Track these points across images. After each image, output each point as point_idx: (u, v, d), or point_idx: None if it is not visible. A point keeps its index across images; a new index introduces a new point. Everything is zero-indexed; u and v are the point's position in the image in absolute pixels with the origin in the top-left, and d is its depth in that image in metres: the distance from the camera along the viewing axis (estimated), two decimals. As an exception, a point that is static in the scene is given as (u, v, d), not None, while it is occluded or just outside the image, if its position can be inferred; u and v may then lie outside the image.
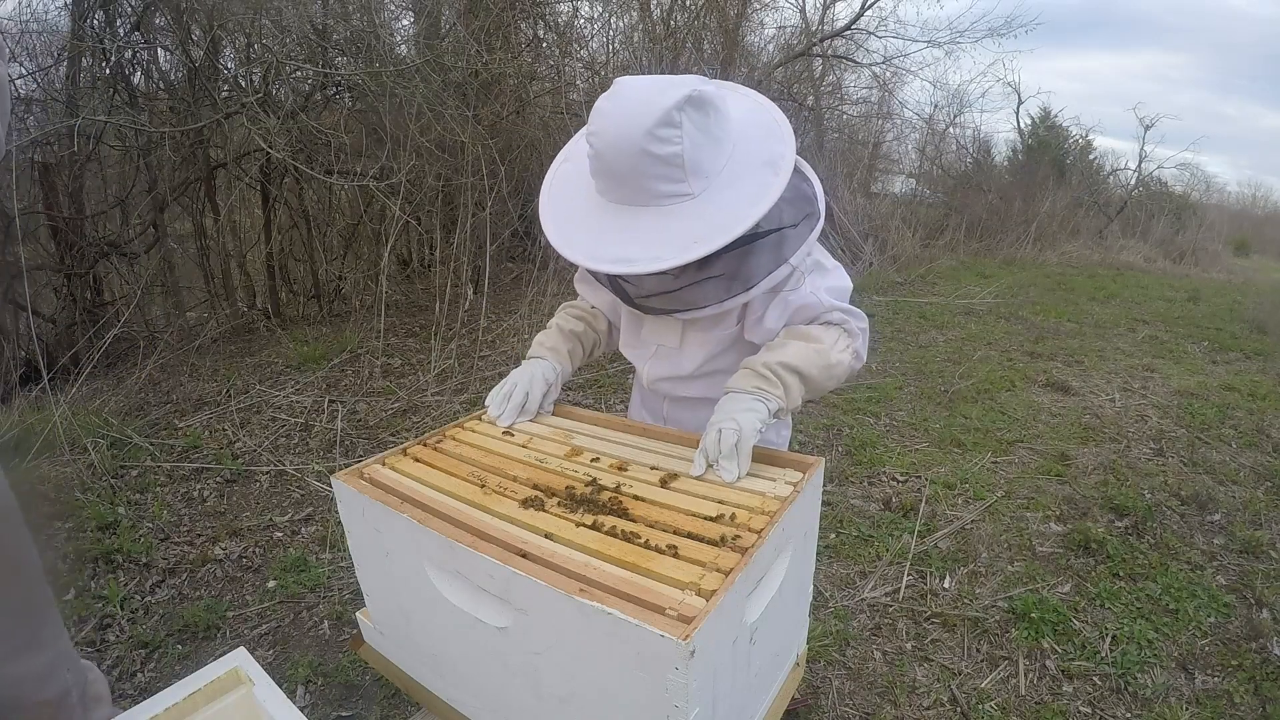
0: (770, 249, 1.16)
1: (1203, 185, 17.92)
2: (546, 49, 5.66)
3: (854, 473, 3.16)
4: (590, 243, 1.11)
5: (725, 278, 1.17)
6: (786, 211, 1.16)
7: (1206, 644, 2.12)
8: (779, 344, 1.22)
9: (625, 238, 1.07)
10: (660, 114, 1.01)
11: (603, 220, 1.10)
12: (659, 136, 1.01)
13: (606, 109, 1.06)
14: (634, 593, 0.79)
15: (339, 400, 3.63)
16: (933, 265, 8.38)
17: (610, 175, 1.07)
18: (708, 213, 1.05)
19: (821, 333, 1.23)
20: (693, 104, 1.03)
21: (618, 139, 1.03)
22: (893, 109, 11.21)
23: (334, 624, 2.11)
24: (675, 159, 1.03)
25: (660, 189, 1.05)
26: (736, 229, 1.03)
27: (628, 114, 1.03)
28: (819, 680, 1.95)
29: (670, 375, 1.36)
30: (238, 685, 0.92)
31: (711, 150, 1.08)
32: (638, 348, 1.41)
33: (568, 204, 1.19)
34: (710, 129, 1.07)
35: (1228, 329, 6.31)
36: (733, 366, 1.31)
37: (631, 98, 1.06)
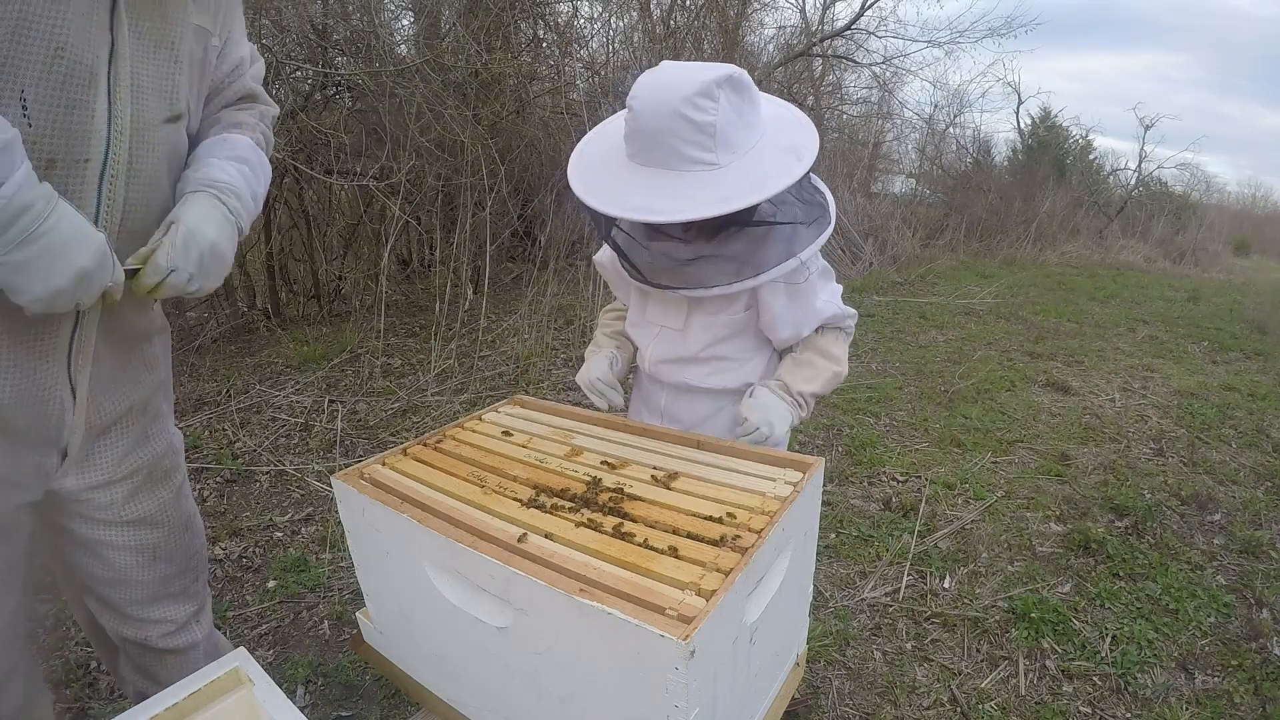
0: (783, 240, 1.22)
1: (1203, 185, 17.95)
2: (546, 49, 5.66)
3: (854, 473, 3.16)
4: (615, 192, 1.16)
5: (738, 261, 1.22)
6: (801, 210, 1.23)
7: (1206, 644, 2.12)
8: (811, 371, 1.36)
9: (651, 192, 1.12)
10: (700, 85, 1.07)
11: (630, 178, 1.16)
12: (696, 104, 1.08)
13: (648, 79, 1.14)
14: (634, 593, 0.79)
15: (339, 400, 3.63)
16: (933, 265, 8.38)
17: (644, 135, 1.13)
18: (732, 181, 1.11)
19: (839, 348, 1.40)
20: (731, 84, 1.10)
21: (657, 100, 1.10)
22: (893, 109, 11.24)
23: (334, 624, 2.11)
24: (709, 128, 1.09)
25: (689, 154, 1.10)
26: (760, 194, 1.09)
27: (669, 82, 1.10)
28: (819, 680, 1.95)
29: (673, 357, 1.40)
30: (238, 685, 0.91)
31: (742, 131, 1.14)
32: (642, 327, 1.46)
33: (595, 165, 1.25)
34: (744, 112, 1.14)
35: (1228, 329, 6.31)
36: (737, 354, 1.38)
37: (674, 72, 1.13)
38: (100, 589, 1.20)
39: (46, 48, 0.83)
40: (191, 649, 1.31)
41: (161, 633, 1.25)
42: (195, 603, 1.31)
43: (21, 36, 0.81)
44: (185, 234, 0.96)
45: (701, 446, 1.20)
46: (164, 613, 1.25)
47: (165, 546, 1.21)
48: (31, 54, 0.82)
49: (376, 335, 4.24)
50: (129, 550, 1.17)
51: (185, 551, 1.26)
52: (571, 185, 1.22)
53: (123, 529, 1.15)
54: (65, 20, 0.84)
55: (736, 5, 7.47)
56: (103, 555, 1.16)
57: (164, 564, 1.22)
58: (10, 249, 0.77)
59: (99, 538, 1.14)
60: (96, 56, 0.88)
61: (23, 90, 0.82)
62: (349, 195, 5.03)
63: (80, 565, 1.17)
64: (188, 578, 1.28)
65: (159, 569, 1.21)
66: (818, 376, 1.36)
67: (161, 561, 1.21)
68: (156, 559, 1.20)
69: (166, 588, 1.24)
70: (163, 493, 1.20)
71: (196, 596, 1.31)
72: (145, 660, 1.28)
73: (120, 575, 1.18)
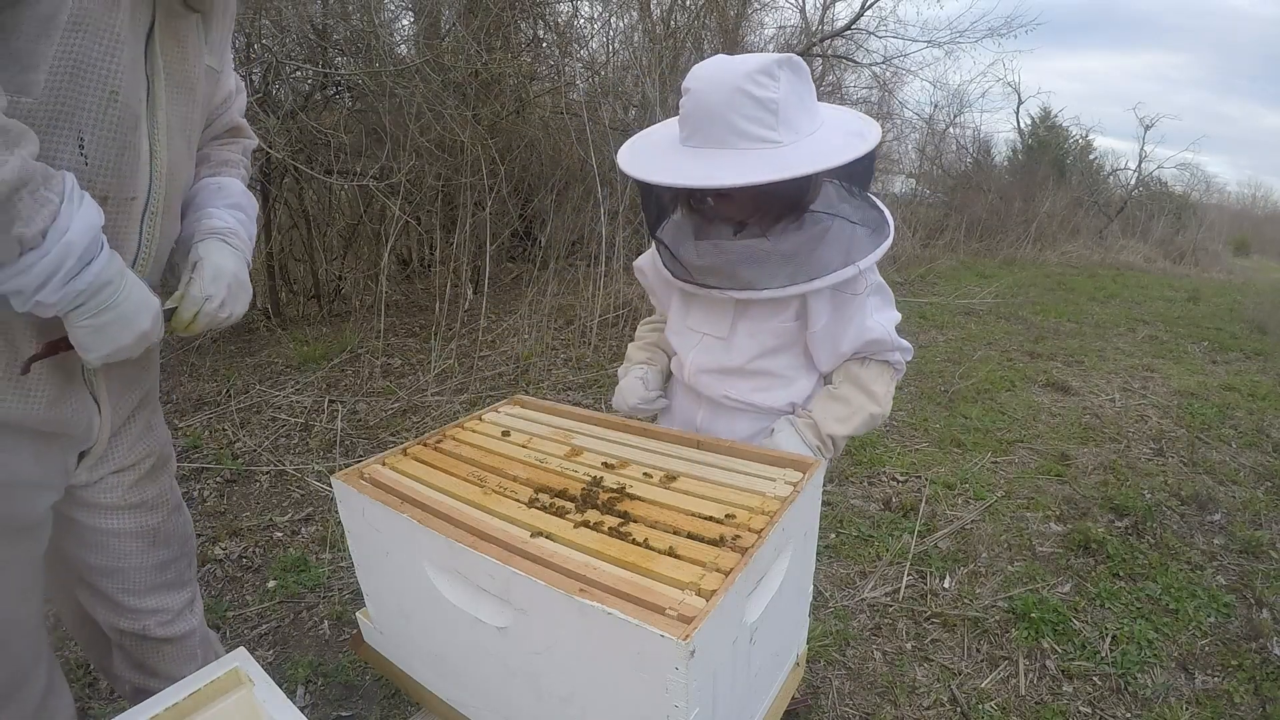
0: (840, 246, 1.17)
1: (1203, 185, 17.95)
2: (546, 49, 5.66)
3: (854, 473, 3.16)
4: (672, 167, 1.13)
5: (791, 263, 1.16)
6: (862, 216, 1.19)
7: (1206, 644, 2.12)
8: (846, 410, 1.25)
9: (710, 166, 1.08)
10: (761, 63, 1.06)
11: (686, 158, 1.12)
12: (758, 80, 1.05)
13: (706, 64, 1.12)
14: (634, 593, 0.79)
15: (339, 400, 3.63)
16: (933, 265, 8.38)
17: (702, 113, 1.09)
18: (795, 154, 1.07)
19: (882, 385, 1.28)
20: (791, 66, 1.09)
21: (717, 79, 1.07)
22: (893, 109, 11.22)
23: (334, 624, 2.11)
24: (771, 104, 1.06)
25: (751, 130, 1.07)
26: (830, 161, 1.06)
27: (728, 64, 1.09)
28: (819, 680, 1.95)
29: (715, 367, 1.31)
30: (238, 685, 0.91)
31: (803, 114, 1.11)
32: (684, 334, 1.37)
33: (648, 151, 1.22)
34: (804, 96, 1.12)
35: (1228, 329, 6.31)
36: (784, 370, 1.29)
37: (730, 58, 1.11)
38: (97, 580, 1.22)
39: (102, 91, 0.89)
40: (188, 636, 1.33)
41: (159, 621, 1.28)
42: (189, 590, 1.34)
43: (80, 80, 0.87)
44: (212, 268, 1.08)
45: (701, 446, 1.20)
46: (160, 601, 1.27)
47: (164, 529, 1.25)
48: (89, 97, 0.88)
49: (376, 335, 4.24)
50: (130, 535, 1.20)
51: (180, 535, 1.30)
52: (623, 168, 1.18)
53: (126, 514, 1.19)
54: (119, 66, 0.90)
55: (736, 5, 7.47)
56: (104, 543, 1.19)
57: (163, 548, 1.25)
58: (91, 315, 0.89)
59: (101, 525, 1.18)
60: (139, 100, 0.95)
61: (80, 131, 0.89)
62: (349, 195, 5.03)
63: (78, 557, 1.20)
64: (182, 563, 1.31)
65: (158, 553, 1.25)
66: (853, 417, 1.24)
67: (160, 546, 1.25)
68: (156, 543, 1.24)
69: (163, 574, 1.27)
70: (164, 478, 1.26)
71: (190, 584, 1.35)
72: (142, 652, 1.30)
73: (119, 563, 1.21)
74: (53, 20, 0.82)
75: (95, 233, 0.86)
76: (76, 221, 0.83)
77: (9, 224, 0.78)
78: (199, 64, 1.06)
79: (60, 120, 0.87)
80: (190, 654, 1.33)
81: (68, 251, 0.82)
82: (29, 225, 0.79)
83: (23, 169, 0.78)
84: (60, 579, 1.27)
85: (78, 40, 0.84)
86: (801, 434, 1.24)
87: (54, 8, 0.81)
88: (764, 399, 1.30)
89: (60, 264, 0.82)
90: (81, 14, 0.83)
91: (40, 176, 0.80)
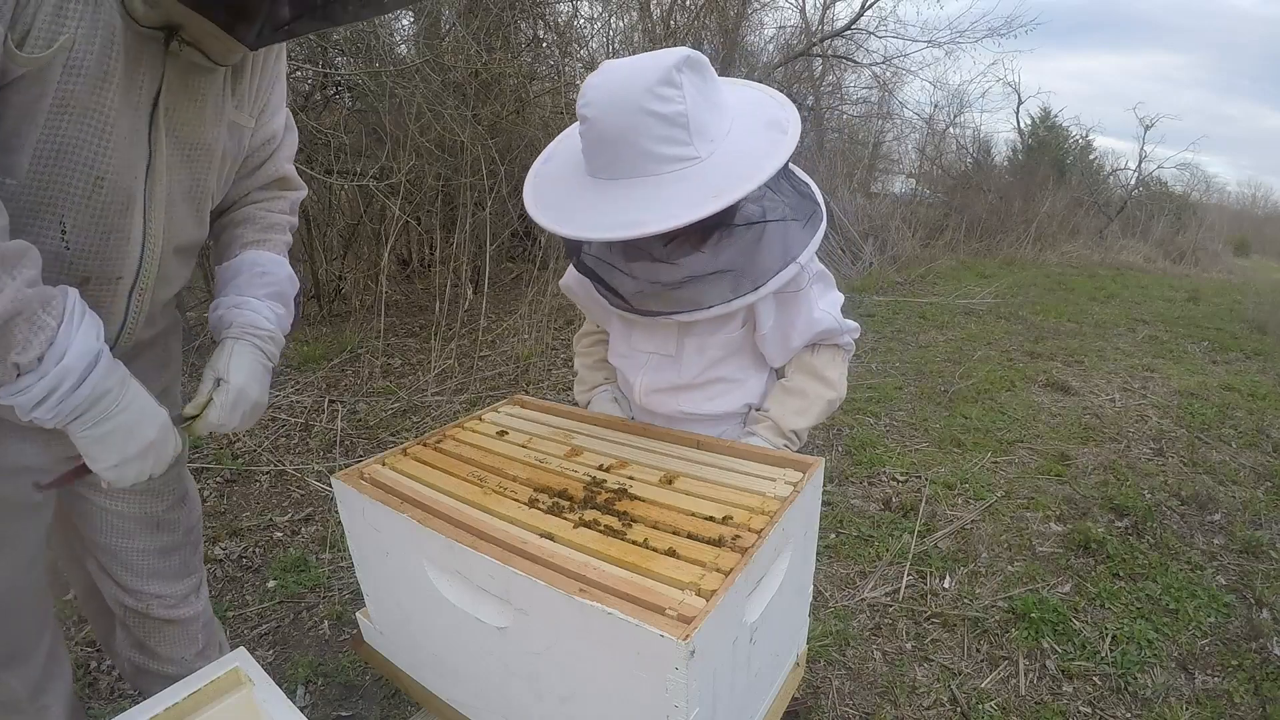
0: (778, 244, 1.10)
1: (1203, 185, 17.96)
2: (546, 49, 5.66)
3: (854, 473, 3.16)
4: (590, 215, 1.01)
5: (734, 274, 1.10)
6: (794, 206, 1.12)
7: (1206, 644, 2.12)
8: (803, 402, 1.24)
9: (631, 205, 0.98)
10: (660, 72, 0.95)
11: (601, 196, 1.01)
12: (660, 95, 0.95)
13: (597, 80, 1.00)
14: (634, 593, 0.79)
15: (339, 400, 3.63)
16: (933, 265, 8.38)
17: (607, 144, 0.99)
18: (720, 171, 0.98)
19: (835, 370, 1.26)
20: (690, 65, 0.98)
21: (615, 101, 0.96)
22: (893, 109, 11.26)
23: (334, 624, 2.11)
24: (679, 118, 0.96)
25: (664, 152, 0.97)
26: (758, 177, 0.96)
27: (622, 78, 0.97)
28: (819, 680, 1.95)
29: (666, 386, 1.28)
30: (238, 686, 0.91)
31: (712, 115, 1.01)
32: (629, 357, 1.32)
33: (556, 191, 1.10)
34: (709, 95, 1.01)
35: (1228, 329, 6.31)
36: (735, 374, 1.27)
37: (623, 67, 0.99)
38: (102, 556, 1.25)
39: (87, 177, 0.86)
40: (191, 621, 1.34)
41: (162, 604, 1.29)
42: (194, 578, 1.35)
43: (64, 165, 0.84)
44: (235, 394, 1.08)
45: (701, 446, 1.20)
46: (161, 588, 1.28)
47: (167, 518, 1.27)
48: (72, 183, 0.86)
49: (376, 335, 4.24)
50: (132, 519, 1.22)
51: (185, 525, 1.31)
52: (533, 215, 1.06)
53: (130, 497, 1.20)
54: (107, 150, 0.87)
55: (736, 5, 7.47)
56: (108, 523, 1.21)
57: (165, 535, 1.27)
58: (90, 426, 0.88)
59: (106, 505, 1.20)
60: (135, 177, 0.92)
61: (62, 217, 0.87)
62: (349, 195, 5.03)
63: (85, 533, 1.23)
64: (186, 551, 1.32)
65: (160, 539, 1.26)
66: (810, 408, 1.24)
67: (164, 532, 1.26)
68: (159, 529, 1.25)
69: (166, 561, 1.28)
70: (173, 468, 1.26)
71: (195, 572, 1.36)
72: (144, 630, 1.31)
73: (121, 543, 1.23)
74: (36, 104, 0.80)
75: (94, 354, 0.85)
76: (75, 344, 0.83)
77: (4, 352, 0.78)
78: (219, 122, 1.01)
79: (43, 205, 0.85)
80: (191, 637, 1.35)
81: (64, 375, 0.82)
82: (24, 353, 0.79)
83: (17, 298, 0.77)
84: (73, 550, 1.29)
85: (63, 124, 0.82)
86: (767, 439, 1.24)
87: (37, 92, 0.79)
88: (719, 405, 1.28)
89: (56, 386, 0.82)
90: (66, 97, 0.80)
91: (38, 302, 0.80)
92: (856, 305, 6.17)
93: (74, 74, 0.80)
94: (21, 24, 0.74)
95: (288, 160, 1.25)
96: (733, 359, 1.26)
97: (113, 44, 0.82)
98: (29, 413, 0.83)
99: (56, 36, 0.77)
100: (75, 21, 0.78)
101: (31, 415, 0.83)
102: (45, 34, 0.76)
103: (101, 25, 0.80)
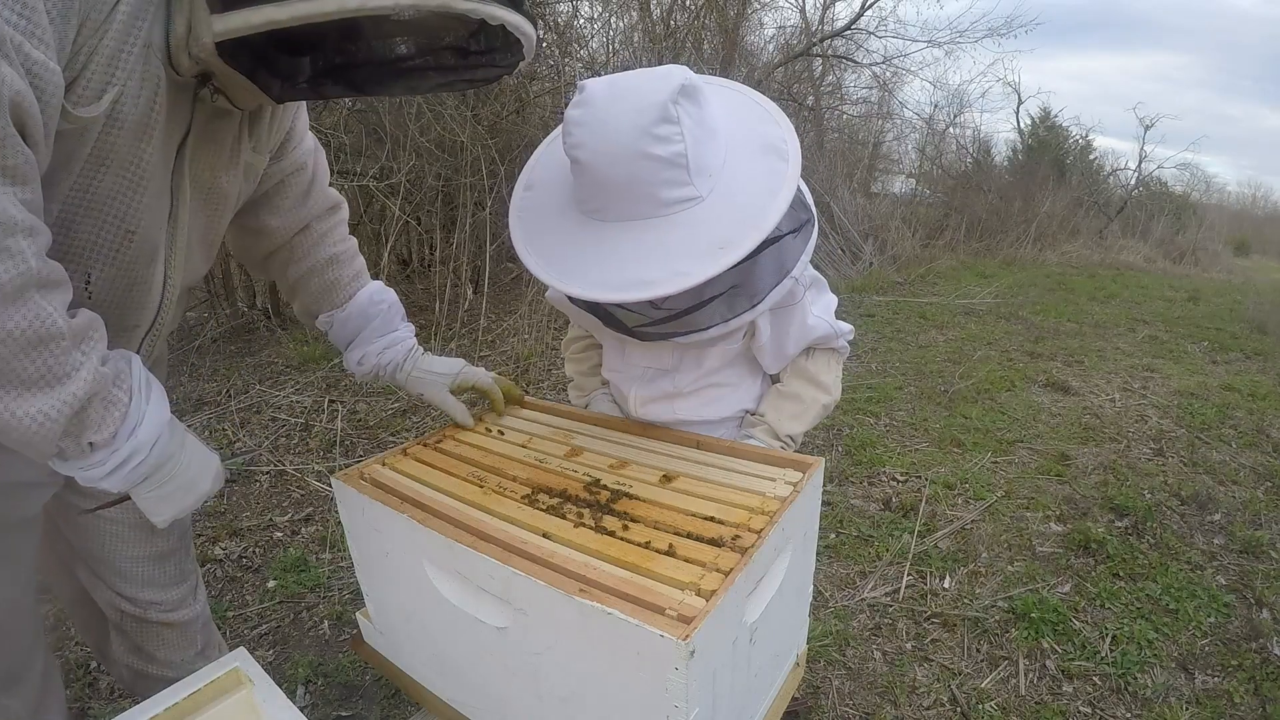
0: (773, 258, 1.07)
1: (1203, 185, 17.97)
2: (546, 49, 5.66)
3: (854, 473, 3.16)
4: (594, 271, 0.94)
5: (730, 294, 1.08)
6: (789, 218, 1.06)
7: (1206, 644, 2.12)
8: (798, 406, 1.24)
9: (634, 258, 0.93)
10: (657, 110, 0.89)
11: (599, 243, 0.96)
12: (658, 136, 0.89)
13: (583, 117, 0.92)
14: (634, 593, 0.79)
15: (339, 400, 3.63)
16: (933, 265, 8.37)
17: (603, 189, 0.94)
18: (724, 213, 0.93)
19: (830, 374, 1.27)
20: (686, 95, 0.91)
21: (610, 145, 0.90)
22: (893, 109, 11.26)
23: (334, 624, 2.11)
24: (679, 159, 0.91)
25: (664, 195, 0.92)
26: (765, 225, 0.91)
27: (614, 116, 0.91)
28: (819, 680, 1.95)
29: (661, 395, 1.27)
30: (238, 686, 0.92)
31: (710, 144, 0.96)
32: (624, 371, 1.30)
33: (549, 232, 1.02)
34: (703, 121, 0.95)
35: (1228, 329, 6.31)
36: (730, 380, 1.27)
37: (611, 100, 0.92)
38: (95, 566, 1.24)
39: (118, 230, 0.86)
40: (190, 624, 1.34)
41: (160, 609, 1.29)
42: (190, 581, 1.35)
43: (95, 217, 0.83)
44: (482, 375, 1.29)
45: (701, 446, 1.20)
46: (157, 595, 1.28)
47: None
48: (103, 236, 0.85)
49: (376, 335, 4.23)
50: (127, 525, 1.21)
51: (179, 528, 1.30)
52: (529, 267, 0.99)
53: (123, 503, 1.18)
54: (140, 203, 0.85)
55: (736, 5, 7.47)
56: (100, 529, 1.20)
57: (160, 539, 1.26)
58: (154, 489, 0.89)
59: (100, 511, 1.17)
60: (160, 228, 0.91)
61: (89, 269, 0.86)
62: (349, 195, 5.01)
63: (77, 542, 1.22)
64: (180, 554, 1.32)
65: (156, 544, 1.25)
66: (805, 413, 1.24)
67: (159, 537, 1.25)
68: (155, 532, 1.24)
69: (162, 567, 1.27)
70: None
71: (190, 574, 1.35)
72: (142, 635, 1.30)
73: (115, 553, 1.22)
74: (74, 154, 0.77)
75: (164, 425, 0.86)
76: (148, 418, 0.83)
77: (80, 432, 0.77)
78: (236, 164, 1.00)
79: (69, 256, 0.82)
80: (190, 639, 1.34)
81: (136, 448, 0.82)
82: (100, 432, 0.79)
83: (95, 379, 0.76)
84: (60, 558, 1.28)
85: (99, 175, 0.80)
86: (765, 444, 1.24)
87: (77, 143, 0.76)
88: (713, 411, 1.28)
89: (128, 459, 0.82)
90: (106, 149, 0.78)
91: (110, 379, 0.79)
92: (857, 305, 6.17)
93: (117, 126, 0.78)
94: (70, 71, 0.71)
95: (326, 179, 1.27)
96: (728, 367, 1.26)
97: (156, 96, 0.79)
98: (96, 484, 0.83)
99: (105, 88, 0.74)
100: (125, 73, 0.75)
101: (98, 485, 0.83)
102: (95, 84, 0.73)
103: (149, 77, 0.78)
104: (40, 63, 0.65)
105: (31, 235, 0.68)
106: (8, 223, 0.66)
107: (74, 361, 0.74)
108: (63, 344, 0.72)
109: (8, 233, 0.66)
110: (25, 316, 0.69)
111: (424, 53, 0.83)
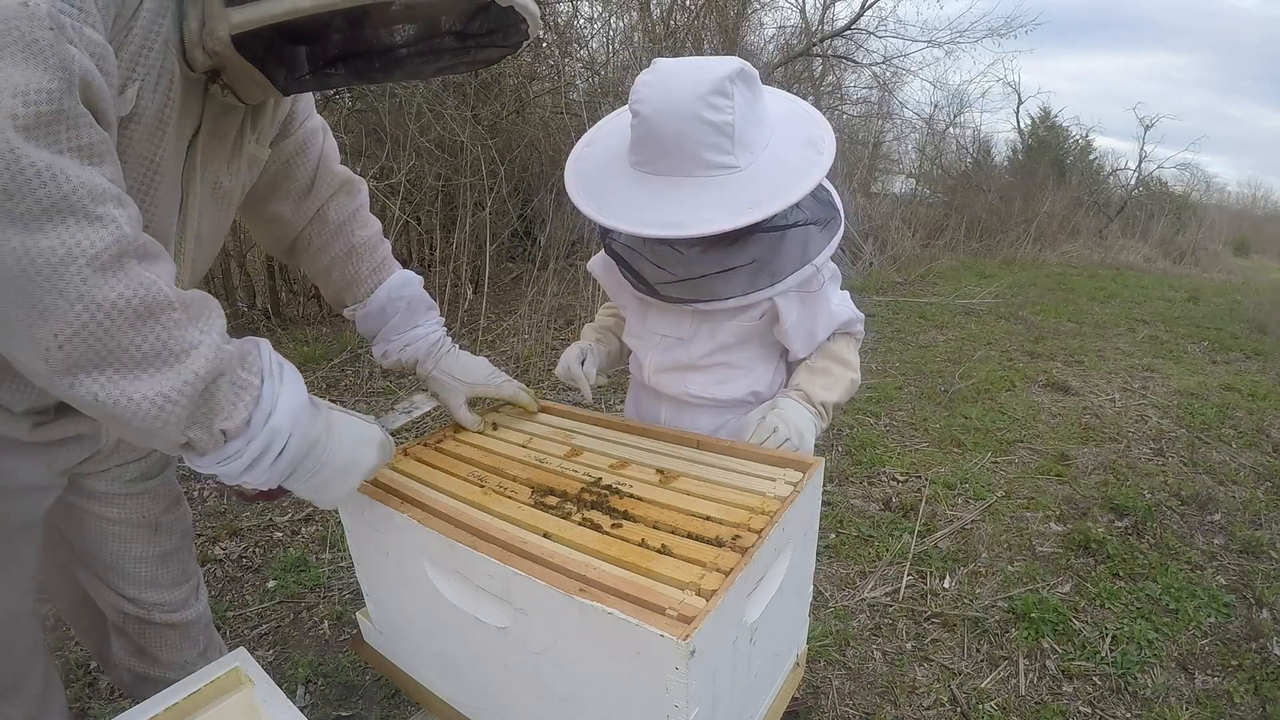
0: (798, 245, 1.18)
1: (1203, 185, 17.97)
2: (546, 49, 5.66)
3: (854, 473, 3.16)
4: (630, 208, 1.08)
5: (753, 268, 1.17)
6: (816, 211, 1.19)
7: (1206, 644, 2.12)
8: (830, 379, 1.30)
9: (669, 204, 1.05)
10: (714, 82, 1.02)
11: (642, 190, 1.09)
12: (713, 104, 1.02)
13: (652, 79, 1.06)
14: (634, 592, 0.79)
15: (340, 400, 3.63)
16: (933, 265, 8.38)
17: (657, 142, 1.06)
18: (756, 183, 1.05)
19: (853, 354, 1.35)
20: (743, 78, 1.05)
21: (669, 104, 1.03)
22: (893, 109, 11.22)
23: (334, 624, 2.11)
24: (727, 128, 1.03)
25: (708, 158, 1.04)
26: (792, 194, 1.03)
27: (678, 81, 1.04)
28: (819, 680, 1.95)
29: (674, 365, 1.33)
30: (238, 686, 0.92)
31: (756, 127, 1.08)
32: (643, 338, 1.38)
33: (599, 178, 1.16)
34: (755, 107, 1.09)
35: (1228, 329, 6.31)
36: (742, 362, 1.32)
37: (679, 70, 1.06)
38: (98, 568, 1.23)
39: None
40: (193, 624, 1.33)
41: (163, 610, 1.28)
42: (192, 580, 1.34)
43: None
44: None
45: (701, 446, 1.20)
46: (160, 596, 1.27)
47: (164, 520, 1.26)
48: None
49: (376, 335, 4.23)
50: (131, 524, 1.20)
51: (181, 527, 1.30)
52: (576, 203, 1.13)
53: (127, 501, 1.19)
54: (155, 200, 0.84)
55: (736, 5, 7.47)
56: (104, 531, 1.19)
57: (164, 538, 1.25)
58: (306, 479, 0.85)
59: (102, 512, 1.17)
60: (171, 223, 0.90)
61: None
62: (349, 195, 5.02)
63: (78, 544, 1.21)
64: (183, 554, 1.31)
65: (160, 544, 1.25)
66: (837, 385, 1.30)
67: (163, 535, 1.25)
68: (158, 531, 1.24)
69: (165, 568, 1.27)
70: (167, 469, 1.27)
71: (193, 575, 1.35)
72: (144, 637, 1.30)
73: (119, 555, 1.21)
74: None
75: (302, 408, 0.80)
76: (282, 400, 0.77)
77: (210, 418, 0.71)
78: (239, 157, 1.00)
79: None
80: (193, 640, 1.34)
81: (274, 436, 0.77)
82: (231, 418, 0.73)
83: (217, 356, 0.70)
84: (61, 563, 1.27)
85: None
86: (801, 404, 1.28)
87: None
88: (725, 391, 1.32)
89: (266, 448, 0.77)
90: (124, 145, 0.76)
91: (236, 359, 0.74)
92: (857, 305, 6.15)
93: (135, 122, 0.76)
94: None
95: (335, 159, 1.24)
96: (742, 347, 1.31)
97: (171, 92, 0.79)
98: (236, 479, 0.78)
99: (128, 83, 0.73)
100: (145, 69, 0.74)
101: (240, 480, 0.78)
102: (120, 80, 0.71)
103: (165, 73, 0.77)
104: (101, 44, 0.65)
105: (121, 205, 0.66)
106: (96, 190, 0.62)
107: (191, 338, 0.68)
108: (174, 315, 0.67)
109: (98, 201, 0.62)
110: (129, 285, 0.64)
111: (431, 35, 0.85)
